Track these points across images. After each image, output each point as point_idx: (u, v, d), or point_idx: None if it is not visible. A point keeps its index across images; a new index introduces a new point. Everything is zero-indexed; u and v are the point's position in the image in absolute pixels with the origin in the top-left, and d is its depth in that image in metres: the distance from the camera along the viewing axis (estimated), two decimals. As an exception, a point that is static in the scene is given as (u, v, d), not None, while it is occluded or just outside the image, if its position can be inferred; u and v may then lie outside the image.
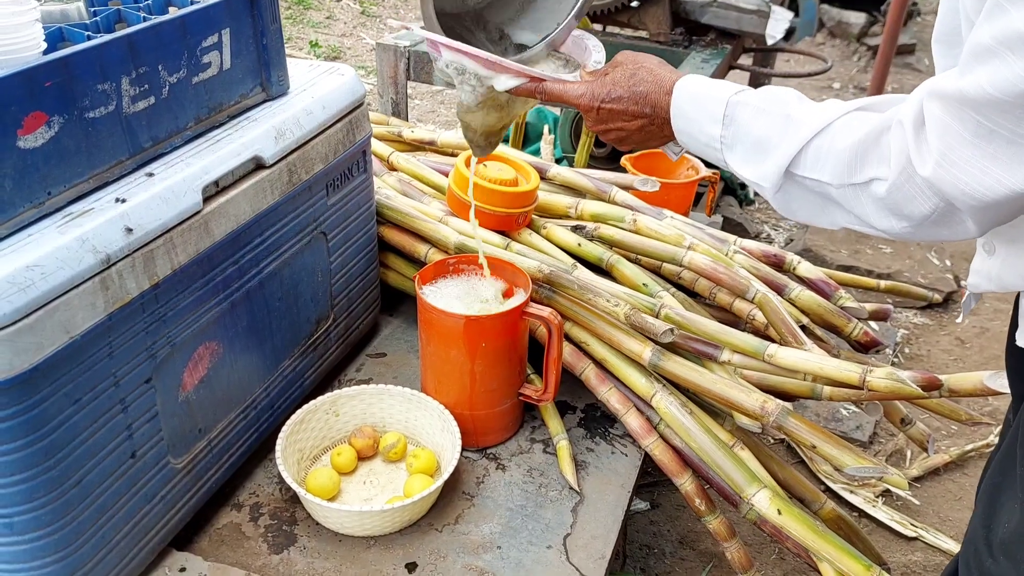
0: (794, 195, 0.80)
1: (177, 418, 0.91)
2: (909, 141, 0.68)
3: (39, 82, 0.74)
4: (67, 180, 0.79)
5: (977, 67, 0.62)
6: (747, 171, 0.82)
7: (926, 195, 0.69)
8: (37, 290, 0.71)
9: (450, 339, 1.06)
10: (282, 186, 1.01)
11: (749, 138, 0.81)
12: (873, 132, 0.72)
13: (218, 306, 0.94)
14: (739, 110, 0.82)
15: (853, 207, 0.75)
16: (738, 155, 0.82)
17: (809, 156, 0.77)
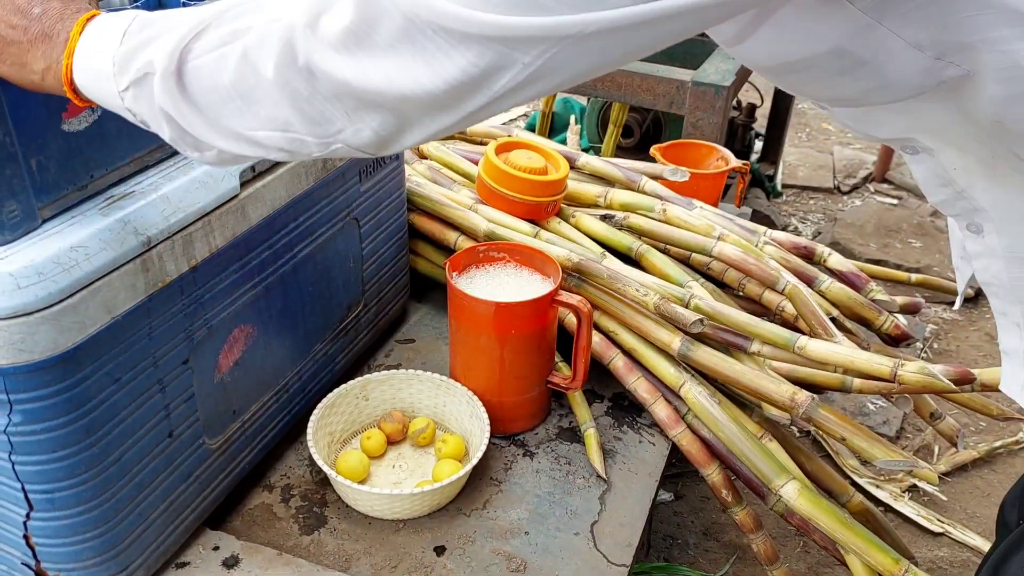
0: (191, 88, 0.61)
1: (212, 399, 0.92)
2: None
3: (83, 66, 0.75)
4: (109, 163, 0.81)
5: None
6: (133, 70, 0.62)
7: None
8: (81, 270, 0.72)
9: (480, 325, 1.06)
10: (316, 172, 1.02)
11: (144, 41, 0.62)
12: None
13: (253, 290, 0.95)
14: (150, 22, 0.64)
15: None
16: (128, 70, 0.63)
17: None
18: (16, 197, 0.71)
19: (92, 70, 0.65)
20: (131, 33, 0.63)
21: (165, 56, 0.60)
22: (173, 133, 0.64)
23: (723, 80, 1.68)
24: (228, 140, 0.63)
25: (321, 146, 0.62)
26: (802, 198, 3.25)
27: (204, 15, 0.61)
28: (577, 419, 1.16)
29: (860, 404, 2.01)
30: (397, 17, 0.54)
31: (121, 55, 0.63)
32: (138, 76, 0.62)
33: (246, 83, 0.59)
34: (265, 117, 0.60)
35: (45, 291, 0.70)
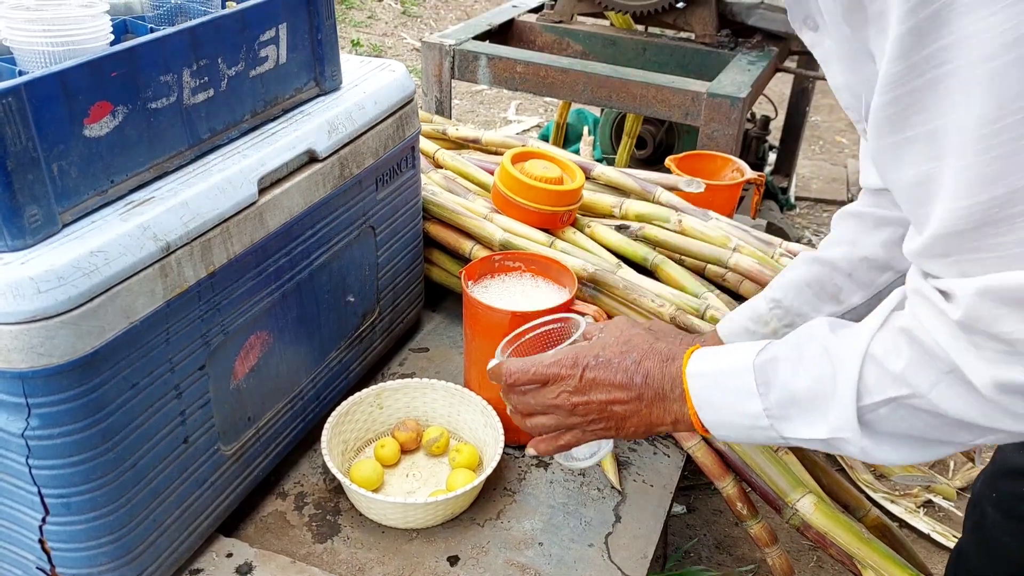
0: (885, 430, 0.65)
1: (228, 406, 0.92)
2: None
3: (106, 72, 0.75)
4: (129, 169, 0.81)
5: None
6: (817, 431, 0.66)
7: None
8: (100, 275, 0.73)
9: (496, 334, 1.06)
10: (334, 180, 1.02)
11: (799, 395, 0.67)
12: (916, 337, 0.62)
13: (270, 296, 0.95)
14: (772, 370, 0.68)
15: (959, 413, 0.60)
16: (796, 420, 0.67)
17: (870, 379, 0.63)
18: (37, 202, 0.71)
19: (727, 424, 0.72)
20: (763, 385, 0.69)
21: (850, 430, 0.65)
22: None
23: (738, 92, 1.67)
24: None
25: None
26: (815, 211, 3.24)
27: (852, 364, 0.64)
28: (591, 430, 1.15)
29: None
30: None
31: (777, 410, 0.68)
32: (821, 438, 0.67)
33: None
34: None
35: (65, 295, 0.70)
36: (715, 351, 0.73)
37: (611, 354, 0.76)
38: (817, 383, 0.66)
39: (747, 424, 0.70)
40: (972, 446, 0.65)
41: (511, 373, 0.78)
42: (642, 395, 0.74)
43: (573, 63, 1.84)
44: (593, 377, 0.75)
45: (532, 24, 2.18)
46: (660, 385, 0.74)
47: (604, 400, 0.75)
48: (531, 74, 1.85)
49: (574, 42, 2.16)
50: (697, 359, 0.73)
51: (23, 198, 0.70)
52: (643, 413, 0.75)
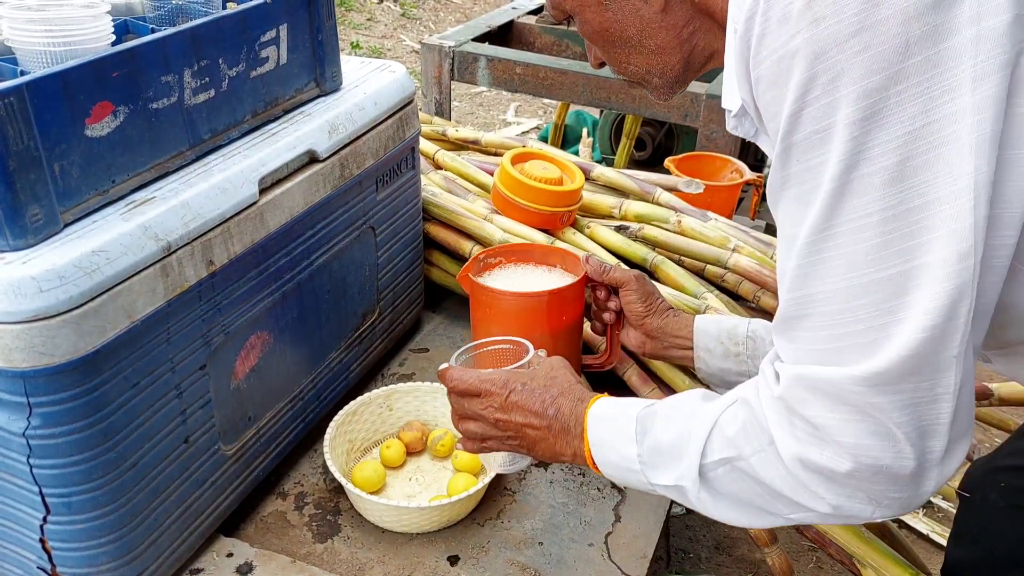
0: (719, 489, 0.72)
1: (228, 405, 0.92)
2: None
3: (107, 72, 0.76)
4: (131, 169, 0.81)
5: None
6: (668, 477, 0.74)
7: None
8: (102, 275, 0.73)
9: (529, 320, 1.04)
10: (334, 180, 1.02)
11: (663, 446, 0.75)
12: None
13: (270, 296, 0.95)
14: (649, 422, 0.77)
15: (772, 483, 0.68)
16: (659, 468, 0.75)
17: (714, 442, 0.71)
18: (39, 201, 0.71)
19: (611, 463, 0.79)
20: (640, 434, 0.77)
21: (689, 480, 0.73)
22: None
23: (738, 93, 1.68)
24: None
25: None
26: (814, 212, 3.24)
27: (705, 424, 0.72)
28: (591, 430, 1.15)
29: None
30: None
31: (647, 457, 0.76)
32: (669, 484, 0.75)
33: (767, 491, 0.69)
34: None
35: (66, 295, 0.70)
36: (616, 401, 0.82)
37: (536, 384, 0.85)
38: (678, 438, 0.74)
39: (624, 466, 0.78)
40: (791, 522, 0.71)
41: (452, 379, 0.87)
42: (551, 426, 0.83)
43: (572, 64, 1.84)
44: (516, 400, 0.84)
45: (531, 26, 2.19)
46: (567, 421, 0.82)
47: (520, 423, 0.84)
48: (530, 75, 1.85)
49: (573, 44, 2.16)
50: (600, 404, 0.82)
51: (25, 197, 0.70)
52: (550, 441, 0.83)
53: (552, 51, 2.18)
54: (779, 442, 0.65)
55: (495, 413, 0.85)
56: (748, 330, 1.00)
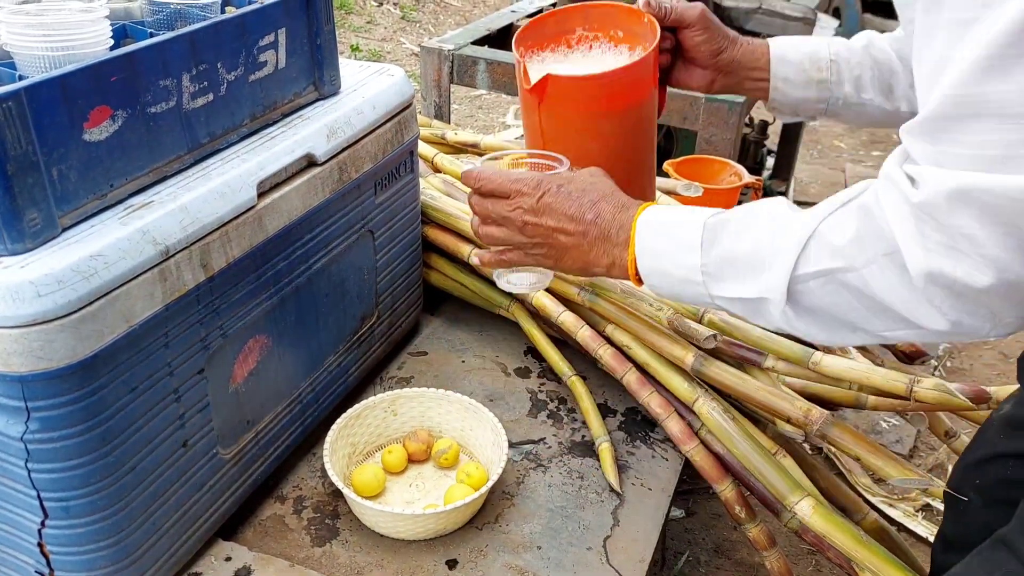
0: (807, 303, 0.68)
1: (227, 409, 0.92)
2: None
3: (105, 77, 0.76)
4: (129, 173, 0.81)
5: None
6: (745, 290, 0.69)
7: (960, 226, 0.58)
8: (100, 279, 0.73)
9: (613, 104, 0.90)
10: (332, 184, 1.02)
11: (738, 256, 0.70)
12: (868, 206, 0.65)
13: (268, 300, 0.95)
14: (720, 230, 0.71)
15: (883, 297, 0.63)
16: (728, 280, 0.70)
17: (812, 251, 0.66)
18: (37, 206, 0.72)
19: (661, 272, 0.74)
20: (707, 243, 0.71)
21: (776, 293, 0.68)
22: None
23: (736, 96, 1.68)
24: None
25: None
26: (814, 215, 3.24)
27: (799, 234, 0.66)
28: (591, 433, 1.16)
29: (873, 422, 1.99)
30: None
31: (713, 268, 0.71)
32: (748, 296, 0.70)
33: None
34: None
35: (64, 299, 0.70)
36: (671, 208, 0.76)
37: (573, 188, 0.78)
38: (759, 247, 0.68)
39: (680, 276, 0.73)
40: (879, 340, 0.67)
41: (480, 178, 0.81)
42: (587, 231, 0.76)
43: (571, 68, 1.84)
44: (549, 202, 0.77)
45: (530, 29, 2.19)
46: (608, 227, 0.76)
47: (552, 227, 0.77)
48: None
49: (572, 47, 2.16)
50: (652, 211, 0.75)
51: (23, 202, 0.70)
52: (583, 249, 0.77)
53: (551, 54, 2.18)
54: (907, 253, 0.60)
55: (524, 216, 0.78)
56: (831, 53, 0.95)
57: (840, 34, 2.52)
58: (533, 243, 0.79)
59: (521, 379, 1.27)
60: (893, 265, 0.62)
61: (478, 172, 0.82)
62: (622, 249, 0.76)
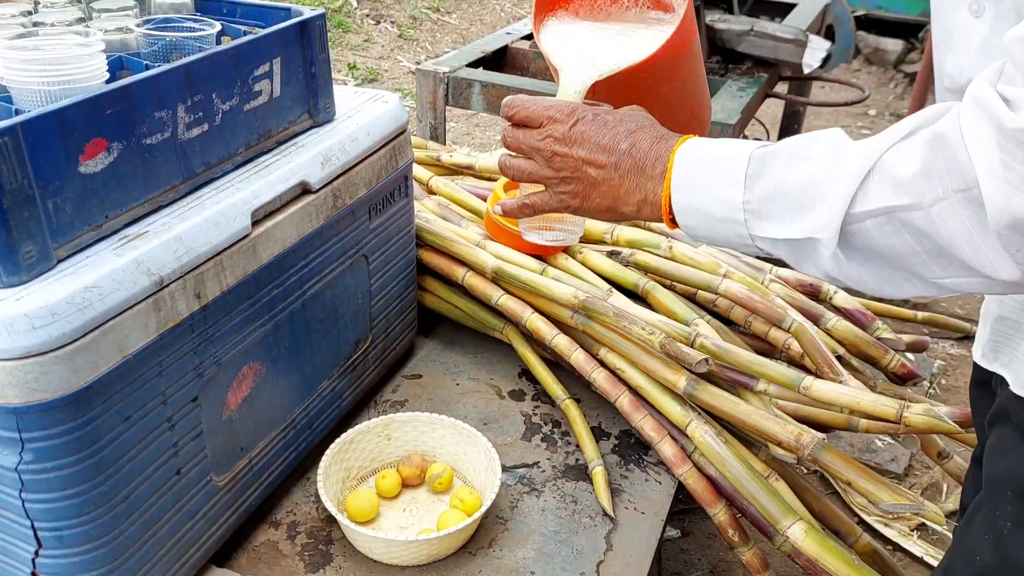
0: (860, 245, 0.60)
1: (220, 436, 0.93)
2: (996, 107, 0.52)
3: (101, 110, 0.77)
4: (124, 204, 0.82)
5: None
6: (793, 230, 0.62)
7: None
8: (94, 311, 0.73)
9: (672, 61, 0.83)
10: (327, 210, 1.03)
11: (787, 190, 0.62)
12: (945, 133, 0.56)
13: (262, 327, 0.96)
14: (768, 162, 0.64)
15: (950, 240, 0.56)
16: (774, 218, 0.63)
17: (873, 186, 0.58)
18: (32, 239, 0.72)
19: (698, 209, 0.67)
20: (752, 177, 0.64)
21: (828, 232, 0.60)
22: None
23: (728, 118, 1.70)
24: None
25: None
26: (809, 232, 3.26)
27: (857, 165, 0.59)
28: (584, 456, 1.16)
29: (868, 441, 1.99)
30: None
31: (757, 204, 0.64)
32: (795, 237, 0.62)
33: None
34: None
35: (59, 331, 0.71)
36: (716, 141, 0.68)
37: (609, 117, 0.72)
38: (811, 179, 0.61)
39: (719, 214, 0.66)
40: (935, 290, 0.60)
41: (514, 106, 0.76)
42: (619, 164, 0.71)
43: (565, 90, 1.85)
44: (582, 131, 0.72)
45: (525, 51, 2.21)
46: (643, 158, 0.70)
47: (583, 157, 0.72)
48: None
49: (567, 68, 2.18)
50: (693, 142, 0.69)
51: (18, 235, 0.71)
52: (614, 183, 0.71)
53: (547, 76, 2.20)
54: (987, 189, 0.52)
55: (553, 145, 0.73)
56: None
57: (834, 53, 2.54)
58: (560, 177, 0.73)
59: (515, 402, 1.27)
60: (968, 203, 0.54)
61: (513, 99, 0.76)
62: (656, 183, 0.69)
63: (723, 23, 2.04)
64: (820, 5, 2.64)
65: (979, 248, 0.55)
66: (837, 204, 0.59)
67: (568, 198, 0.75)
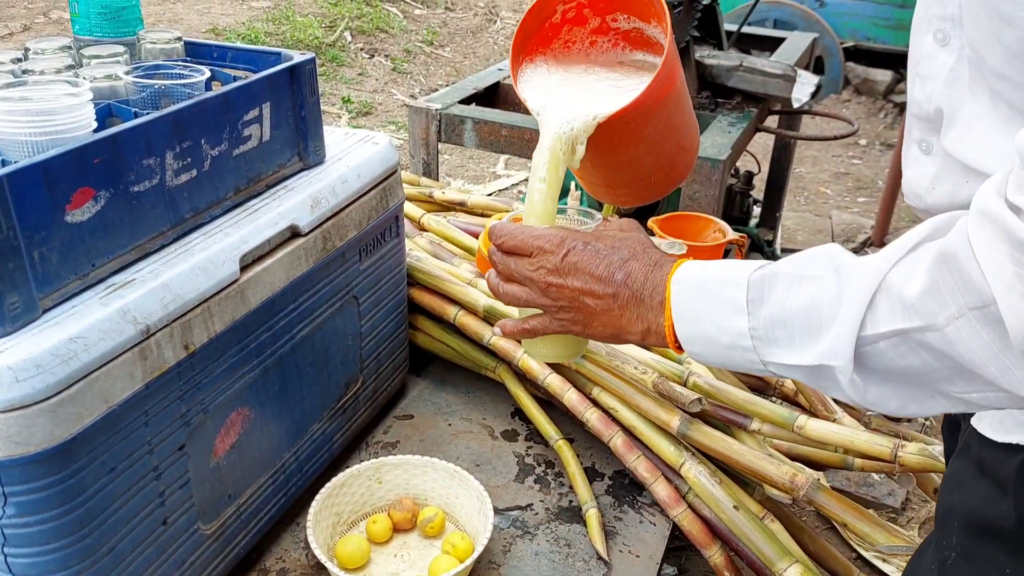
0: (878, 366, 0.58)
1: (208, 484, 0.92)
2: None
3: (88, 159, 0.77)
4: (111, 252, 0.82)
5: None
6: (804, 357, 0.60)
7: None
8: (79, 361, 0.73)
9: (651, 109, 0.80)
10: (316, 253, 1.03)
11: (792, 315, 0.61)
12: (953, 249, 0.54)
13: (251, 372, 0.95)
14: (768, 286, 0.62)
15: (971, 360, 0.53)
16: (783, 344, 0.61)
17: (881, 308, 0.56)
18: (18, 289, 0.72)
19: (704, 338, 0.66)
20: (754, 302, 0.63)
21: (842, 359, 0.58)
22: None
23: (719, 154, 1.70)
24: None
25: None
26: (802, 262, 3.26)
27: (863, 286, 0.57)
28: (578, 498, 1.15)
29: (864, 474, 1.98)
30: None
31: (763, 330, 0.63)
32: (807, 364, 0.60)
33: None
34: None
35: (43, 383, 0.70)
36: (709, 264, 0.68)
37: (601, 245, 0.72)
38: (816, 302, 0.59)
39: (726, 342, 0.64)
40: (957, 407, 0.58)
41: (501, 234, 0.75)
42: (618, 294, 0.70)
43: (557, 126, 1.86)
44: (575, 261, 0.71)
45: (517, 86, 2.22)
46: (640, 288, 0.69)
47: (579, 288, 0.71)
48: (516, 137, 1.88)
49: (558, 103, 2.19)
50: (687, 268, 0.68)
51: (3, 286, 0.70)
52: (615, 313, 0.71)
53: (538, 111, 2.21)
54: (1007, 304, 0.50)
55: (547, 276, 0.72)
56: None
57: (823, 84, 2.57)
58: (558, 306, 0.73)
59: (508, 442, 1.26)
60: (986, 321, 0.51)
61: (500, 227, 0.76)
62: (657, 313, 0.68)
63: (712, 59, 2.06)
64: (808, 39, 2.67)
65: (1004, 366, 0.52)
66: (846, 329, 0.57)
67: (569, 324, 0.74)
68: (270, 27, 5.04)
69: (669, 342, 0.69)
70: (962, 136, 0.66)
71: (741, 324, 0.63)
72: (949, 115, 0.67)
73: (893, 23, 4.81)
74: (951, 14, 0.66)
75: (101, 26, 1.05)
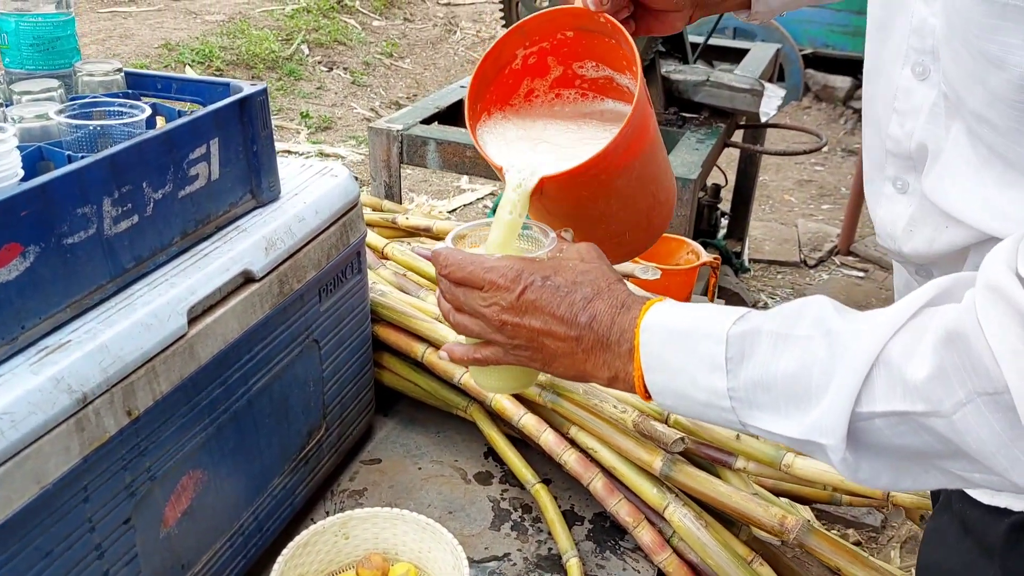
0: (872, 442, 0.53)
1: (158, 556, 0.84)
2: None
3: (15, 212, 0.69)
4: (42, 311, 0.74)
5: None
6: (790, 427, 0.55)
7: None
8: (6, 440, 0.65)
9: (616, 168, 0.74)
10: (272, 298, 0.96)
11: (777, 380, 0.55)
12: (962, 329, 0.49)
13: (203, 432, 0.88)
14: (749, 344, 0.57)
15: (979, 449, 0.49)
16: (766, 409, 0.56)
17: (879, 384, 0.51)
18: (-67, 362, 0.64)
19: (677, 392, 0.60)
20: (734, 361, 0.57)
21: (834, 438, 0.53)
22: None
23: (689, 173, 1.67)
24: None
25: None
26: (770, 272, 3.26)
27: (858, 358, 0.51)
28: (558, 546, 1.09)
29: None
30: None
31: (744, 393, 0.57)
32: (794, 436, 0.55)
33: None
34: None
35: (-37, 469, 0.62)
36: (681, 308, 0.61)
37: (561, 280, 0.65)
38: (804, 368, 0.54)
39: (702, 399, 0.59)
40: (955, 483, 0.54)
41: (447, 264, 0.68)
42: (582, 337, 0.63)
43: (523, 146, 1.81)
44: (533, 299, 0.64)
45: (480, 104, 2.17)
46: (607, 333, 0.63)
47: (538, 328, 0.64)
48: (480, 157, 1.82)
49: (523, 121, 2.14)
50: (657, 312, 0.61)
51: (-85, 361, 0.63)
52: (578, 357, 0.64)
53: (502, 128, 2.16)
54: (1019, 392, 0.46)
55: (501, 314, 0.65)
56: None
57: (787, 92, 2.55)
58: (514, 344, 0.66)
59: (482, 486, 1.20)
60: (997, 408, 0.47)
61: (445, 255, 0.68)
62: (625, 361, 0.62)
63: (679, 74, 2.03)
64: (772, 50, 2.66)
65: (1015, 457, 0.48)
66: (839, 406, 0.52)
67: (527, 361, 0.68)
68: (224, 41, 4.93)
69: (639, 391, 0.63)
70: (941, 177, 0.62)
71: (719, 383, 0.58)
72: (934, 152, 0.63)
73: (851, 29, 4.85)
74: (930, 47, 0.62)
75: (33, 59, 0.97)
